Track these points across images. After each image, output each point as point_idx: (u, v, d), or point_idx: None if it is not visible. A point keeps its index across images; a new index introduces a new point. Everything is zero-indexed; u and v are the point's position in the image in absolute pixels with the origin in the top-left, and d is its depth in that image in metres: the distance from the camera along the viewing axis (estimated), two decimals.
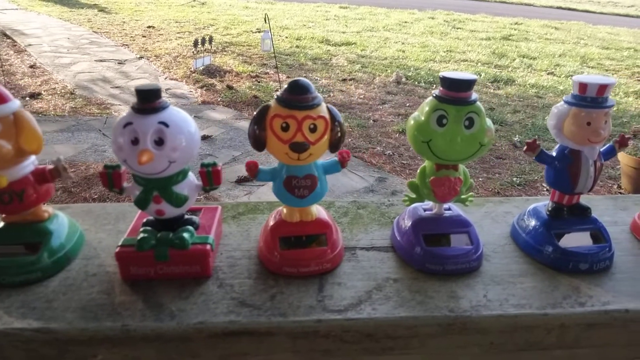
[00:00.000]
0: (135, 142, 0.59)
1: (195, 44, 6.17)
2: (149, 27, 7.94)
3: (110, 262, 0.69)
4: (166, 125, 0.59)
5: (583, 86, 0.65)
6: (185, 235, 0.66)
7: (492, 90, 5.56)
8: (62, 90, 4.90)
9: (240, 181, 3.23)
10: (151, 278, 0.66)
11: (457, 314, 0.61)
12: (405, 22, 9.53)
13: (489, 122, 0.67)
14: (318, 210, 0.74)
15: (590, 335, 0.63)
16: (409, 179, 0.67)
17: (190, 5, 10.25)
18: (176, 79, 5.45)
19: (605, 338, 0.63)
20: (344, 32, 8.22)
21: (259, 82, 5.35)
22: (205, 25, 8.27)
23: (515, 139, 4.18)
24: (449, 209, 0.75)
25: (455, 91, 0.64)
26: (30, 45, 6.49)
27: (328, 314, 0.61)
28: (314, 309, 0.62)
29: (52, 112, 4.29)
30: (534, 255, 0.72)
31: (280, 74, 5.56)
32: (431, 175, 0.70)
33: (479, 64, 6.63)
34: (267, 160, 3.20)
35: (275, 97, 0.64)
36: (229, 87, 5.13)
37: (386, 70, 6.07)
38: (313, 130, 0.63)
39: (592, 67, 6.68)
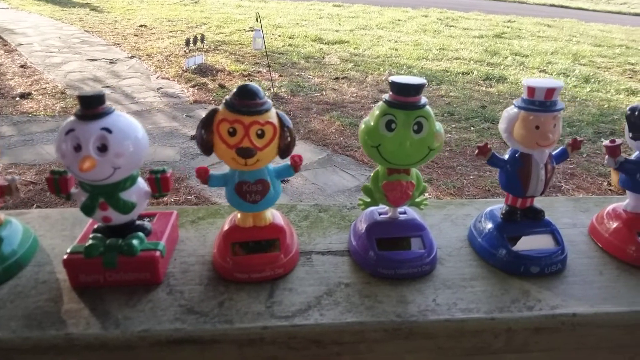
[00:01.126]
0: (78, 148, 0.58)
1: (187, 42, 6.16)
2: (141, 26, 7.92)
3: (62, 269, 0.68)
4: (109, 131, 0.59)
5: (531, 90, 0.65)
6: (134, 241, 0.65)
7: (484, 88, 5.56)
8: (53, 90, 4.88)
9: None
10: (101, 285, 0.66)
11: (403, 319, 0.61)
12: (399, 20, 9.53)
13: (438, 126, 0.67)
14: (273, 215, 0.73)
15: (538, 340, 0.63)
16: None
17: (183, 4, 10.23)
18: (168, 78, 5.44)
19: (554, 342, 0.63)
20: (337, 31, 8.21)
21: (251, 80, 5.35)
22: (198, 24, 8.25)
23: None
24: (405, 213, 0.75)
25: (404, 96, 0.64)
26: (20, 44, 6.47)
27: (275, 320, 0.61)
28: (261, 316, 0.62)
29: (42, 112, 4.28)
30: (487, 258, 0.72)
31: (272, 73, 5.55)
32: (384, 179, 0.69)
33: (472, 61, 6.64)
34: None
35: (224, 101, 0.63)
36: (221, 86, 5.12)
37: (379, 68, 6.07)
38: (261, 135, 0.63)
39: (584, 65, 6.69)
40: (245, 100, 0.62)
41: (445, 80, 5.72)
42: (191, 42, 6.17)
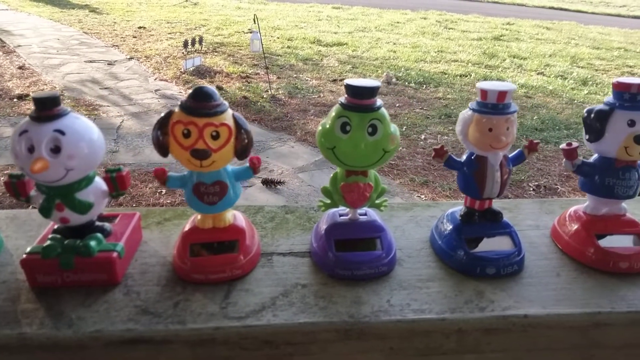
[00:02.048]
0: (31, 149, 0.59)
1: (185, 44, 6.18)
2: (139, 27, 7.94)
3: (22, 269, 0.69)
4: (62, 133, 0.59)
5: (484, 93, 0.66)
6: (92, 242, 0.66)
7: None
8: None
9: None
10: (59, 286, 0.66)
11: (355, 320, 0.62)
12: (398, 22, 9.54)
13: (394, 128, 0.67)
14: (235, 217, 0.74)
15: (490, 340, 0.63)
16: (397, 180, 0.67)
17: (182, 6, 10.25)
18: (166, 80, 5.46)
19: (506, 343, 0.64)
20: (335, 33, 8.22)
21: (249, 82, 5.36)
22: (196, 26, 8.27)
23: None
24: (365, 214, 0.75)
25: (359, 98, 0.65)
26: (19, 46, 6.49)
27: (227, 321, 0.61)
28: (214, 316, 0.62)
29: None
30: (446, 259, 0.72)
31: (270, 75, 5.56)
32: (342, 181, 0.70)
33: (470, 64, 6.64)
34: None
35: (179, 103, 0.64)
36: (219, 88, 5.13)
37: (377, 70, 6.08)
38: (215, 137, 0.63)
39: (582, 67, 6.68)
40: (200, 102, 0.63)
41: (443, 83, 5.73)
42: (189, 44, 6.18)
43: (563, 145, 0.72)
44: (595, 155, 0.74)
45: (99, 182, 0.67)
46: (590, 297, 0.66)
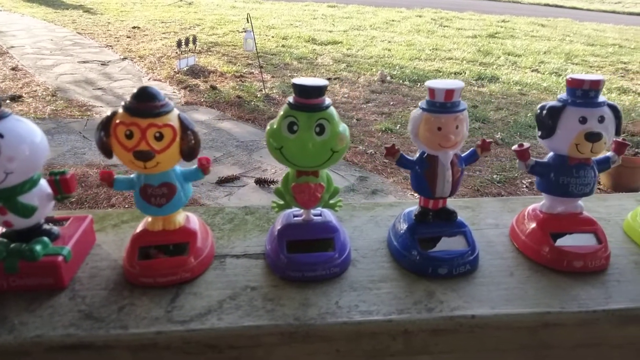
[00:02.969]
0: None
1: (179, 44, 6.16)
2: (134, 27, 7.93)
3: None
4: (1, 135, 0.59)
5: (432, 91, 0.65)
6: (37, 246, 0.65)
7: (475, 88, 5.56)
8: (44, 93, 4.90)
9: (221, 182, 3.22)
10: (5, 290, 0.65)
11: (301, 322, 0.61)
12: (393, 20, 9.52)
13: (343, 127, 0.66)
14: (188, 219, 0.73)
15: (438, 341, 0.62)
16: (391, 178, 0.66)
17: (177, 5, 10.24)
18: (160, 80, 5.45)
19: (454, 344, 0.63)
20: (330, 31, 8.21)
21: (243, 82, 5.36)
22: (191, 25, 8.26)
23: (497, 136, 4.18)
24: (320, 215, 0.74)
25: (305, 98, 0.64)
26: (12, 47, 6.48)
27: (171, 325, 0.61)
28: (158, 321, 0.61)
29: (33, 115, 4.29)
30: (400, 259, 0.72)
31: (265, 74, 5.55)
32: (293, 181, 0.69)
33: (464, 61, 6.64)
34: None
35: (122, 104, 0.63)
36: (213, 88, 5.12)
37: (371, 69, 6.07)
38: (159, 138, 0.62)
39: (577, 64, 6.68)
40: (143, 103, 0.62)
41: None
42: (183, 43, 6.17)
43: (515, 147, 0.72)
44: (550, 154, 0.73)
45: (44, 185, 0.66)
46: (542, 297, 0.65)
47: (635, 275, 0.70)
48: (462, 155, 0.71)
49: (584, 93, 0.67)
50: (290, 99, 0.66)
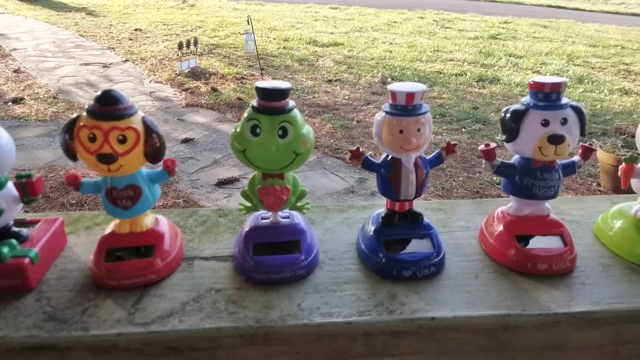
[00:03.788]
0: None
1: (180, 46, 6.17)
2: (136, 29, 7.96)
3: None
4: None
5: (393, 94, 0.65)
6: (4, 249, 0.65)
7: (477, 90, 5.55)
8: (45, 95, 4.92)
9: (221, 184, 3.23)
10: None
11: (261, 325, 0.61)
12: (394, 22, 9.52)
13: (307, 130, 0.67)
14: (156, 221, 0.74)
15: (398, 344, 0.63)
16: None
17: (179, 8, 10.27)
18: (161, 82, 5.47)
19: (415, 346, 0.63)
20: (332, 33, 8.22)
21: (244, 84, 5.36)
22: (193, 27, 8.28)
23: (497, 137, 4.17)
24: (288, 217, 0.75)
25: (268, 101, 0.64)
26: (15, 49, 6.52)
27: (132, 327, 0.61)
28: (119, 323, 0.62)
29: (34, 117, 4.31)
30: (366, 261, 0.72)
31: (266, 76, 5.56)
32: (259, 184, 0.69)
33: (465, 63, 6.63)
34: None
35: (86, 107, 0.64)
36: (214, 90, 5.14)
37: (372, 70, 6.07)
38: (122, 141, 0.63)
39: (578, 65, 6.66)
40: (105, 106, 0.62)
41: (438, 82, 5.72)
42: (184, 45, 6.18)
43: (481, 147, 0.72)
44: (516, 156, 0.73)
45: (11, 188, 0.67)
46: (503, 300, 0.65)
47: (601, 277, 0.70)
48: (427, 157, 0.71)
49: (545, 96, 0.67)
50: (254, 102, 0.66)
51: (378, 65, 6.33)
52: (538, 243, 0.73)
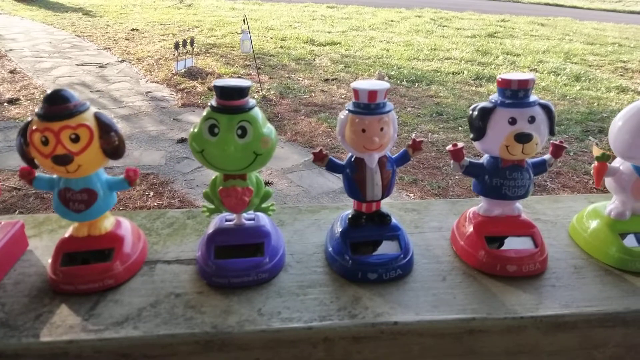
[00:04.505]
0: None
1: (177, 46, 6.15)
2: (132, 29, 7.94)
3: None
4: None
5: (356, 92, 0.63)
6: None
7: (473, 88, 5.52)
8: (41, 96, 4.89)
9: None
10: None
11: (218, 331, 0.59)
12: (392, 20, 9.49)
13: (268, 130, 0.65)
14: (117, 224, 0.72)
15: (360, 349, 0.61)
16: None
17: (176, 7, 10.24)
18: (157, 82, 5.44)
19: (377, 351, 0.61)
20: (329, 32, 8.19)
21: None
22: (190, 27, 8.25)
23: None
24: (253, 219, 0.73)
25: (226, 99, 0.62)
26: (11, 50, 6.50)
27: (84, 334, 0.59)
28: (72, 329, 0.60)
29: (29, 118, 4.29)
30: (332, 264, 0.70)
31: (262, 75, 5.54)
32: (220, 185, 0.68)
33: (462, 61, 6.59)
34: None
35: (36, 111, 0.62)
36: (210, 90, 5.12)
37: (369, 69, 6.05)
38: (75, 140, 0.61)
39: (576, 63, 6.62)
40: (53, 107, 0.61)
41: (435, 81, 5.69)
42: (180, 45, 6.16)
43: (449, 147, 0.70)
44: (486, 156, 0.71)
45: None
46: (469, 303, 0.63)
47: (572, 280, 0.68)
48: (393, 156, 0.69)
49: (513, 93, 0.65)
50: (213, 101, 0.64)
51: (375, 64, 6.31)
52: (511, 244, 0.71)
